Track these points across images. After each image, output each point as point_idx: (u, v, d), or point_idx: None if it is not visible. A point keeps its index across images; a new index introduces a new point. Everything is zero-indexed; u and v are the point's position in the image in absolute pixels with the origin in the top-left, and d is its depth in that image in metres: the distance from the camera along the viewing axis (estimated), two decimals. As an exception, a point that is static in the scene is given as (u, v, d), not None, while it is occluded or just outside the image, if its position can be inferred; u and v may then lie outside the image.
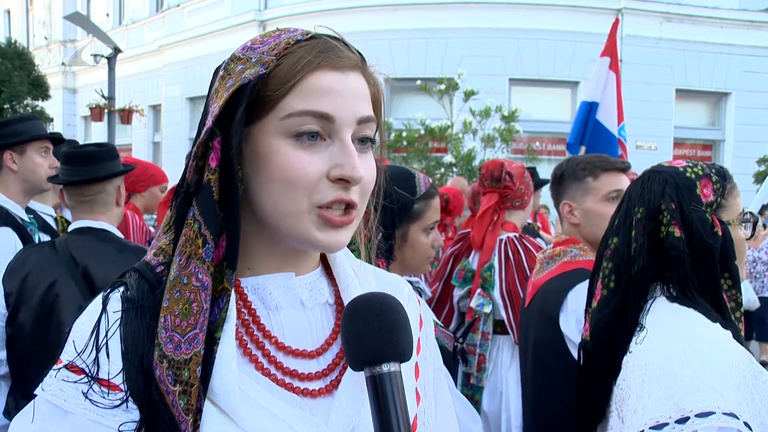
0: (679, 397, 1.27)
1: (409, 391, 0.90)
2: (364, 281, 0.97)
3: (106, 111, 12.85)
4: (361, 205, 0.88)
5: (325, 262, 0.99)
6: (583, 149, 5.05)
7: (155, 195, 4.09)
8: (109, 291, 0.85)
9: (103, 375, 0.79)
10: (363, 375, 0.81)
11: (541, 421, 2.38)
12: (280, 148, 0.83)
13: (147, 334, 0.81)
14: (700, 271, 1.43)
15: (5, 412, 2.26)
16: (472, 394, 3.37)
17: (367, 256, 1.04)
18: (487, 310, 3.35)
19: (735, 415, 1.22)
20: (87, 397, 0.78)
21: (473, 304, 3.36)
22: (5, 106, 12.78)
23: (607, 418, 1.50)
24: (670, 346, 1.37)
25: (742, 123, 15.05)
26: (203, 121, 0.87)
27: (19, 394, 2.22)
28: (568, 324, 2.19)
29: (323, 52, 0.84)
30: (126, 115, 13.64)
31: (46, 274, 2.20)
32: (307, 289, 0.93)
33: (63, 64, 21.40)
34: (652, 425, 1.28)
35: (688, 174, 1.49)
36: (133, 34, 20.62)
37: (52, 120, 17.28)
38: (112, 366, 0.79)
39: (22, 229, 2.70)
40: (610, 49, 5.22)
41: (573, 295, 2.20)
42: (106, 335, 0.80)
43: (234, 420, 0.79)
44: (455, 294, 3.54)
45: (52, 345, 2.11)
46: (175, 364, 0.78)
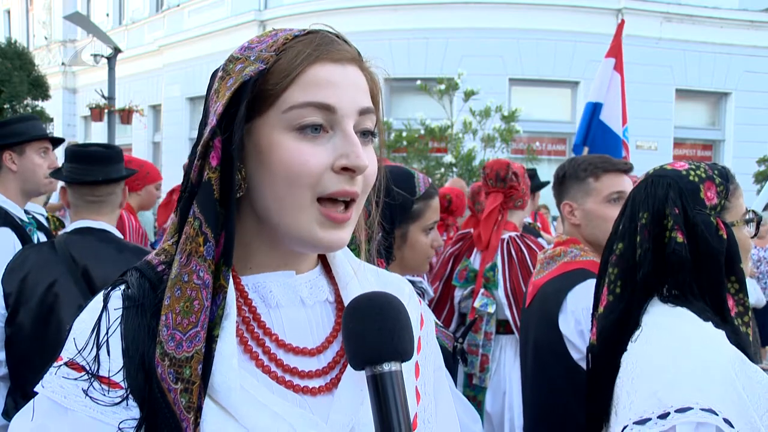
0: (662, 392, 1.29)
1: (409, 389, 0.90)
2: (364, 280, 0.97)
3: (106, 111, 12.82)
4: (360, 200, 0.88)
5: (324, 261, 0.99)
6: (586, 150, 5.05)
7: (151, 193, 4.10)
8: (110, 289, 0.86)
9: (103, 372, 0.79)
10: (363, 374, 0.81)
11: (541, 421, 2.38)
12: (282, 141, 0.83)
13: (148, 332, 0.81)
14: (702, 275, 1.44)
15: (4, 413, 2.25)
16: (474, 394, 3.37)
17: (367, 255, 1.04)
18: (491, 310, 3.35)
19: (714, 411, 1.23)
20: (87, 395, 0.78)
21: (477, 305, 3.36)
22: (5, 106, 12.76)
23: (610, 420, 1.51)
24: (660, 344, 1.39)
25: (742, 123, 15.04)
26: (204, 122, 0.87)
27: (18, 394, 2.21)
28: (567, 325, 2.18)
29: (321, 45, 0.85)
30: (126, 115, 13.63)
31: (46, 274, 2.19)
32: (308, 287, 0.93)
33: (63, 64, 21.38)
34: (636, 420, 1.31)
35: (692, 177, 1.49)
36: (133, 34, 20.60)
37: (52, 120, 17.25)
38: (113, 363, 0.79)
39: (21, 229, 2.69)
40: (615, 51, 5.20)
41: (572, 296, 2.20)
42: (107, 333, 0.80)
43: (235, 417, 0.80)
44: (456, 294, 3.54)
45: (51, 345, 2.11)
46: (177, 362, 0.78)
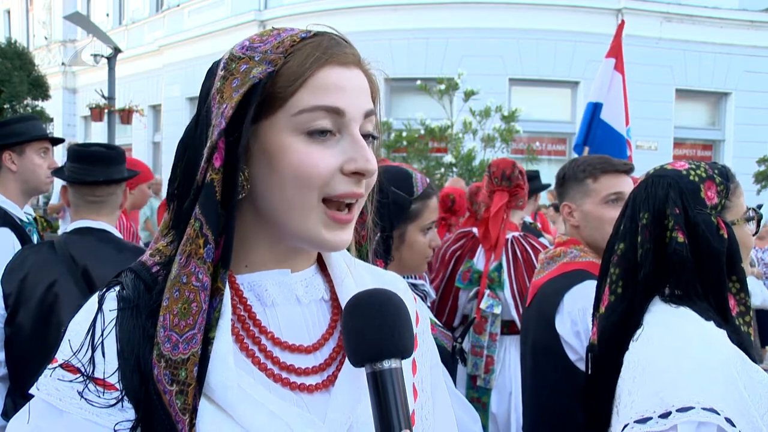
0: (664, 392, 1.29)
1: (407, 387, 0.90)
2: (359, 278, 0.97)
3: (106, 111, 12.81)
4: (362, 200, 0.89)
5: (319, 258, 0.99)
6: (587, 150, 5.04)
7: (143, 192, 4.12)
8: (104, 290, 0.85)
9: (98, 374, 0.79)
10: (360, 371, 0.81)
11: (541, 422, 2.37)
12: (292, 144, 0.83)
13: (143, 333, 0.81)
14: (704, 275, 1.44)
15: (4, 414, 2.25)
16: (479, 396, 3.35)
17: (363, 257, 1.04)
18: (497, 311, 3.33)
19: (715, 411, 1.23)
20: (82, 397, 0.78)
21: (483, 306, 3.34)
22: (5, 106, 12.77)
23: (611, 419, 1.50)
24: (661, 343, 1.39)
25: (742, 123, 15.03)
26: (205, 121, 0.86)
27: (18, 395, 2.21)
28: (564, 325, 2.18)
29: (330, 48, 0.85)
30: (126, 115, 13.61)
31: (46, 274, 2.19)
32: (303, 285, 0.93)
33: (63, 64, 21.38)
34: (637, 419, 1.30)
35: (692, 177, 1.49)
36: (133, 34, 20.61)
37: (52, 120, 17.28)
38: (108, 365, 0.79)
39: (20, 229, 2.69)
40: (616, 51, 5.20)
41: (569, 297, 2.19)
42: (102, 334, 0.80)
43: (231, 416, 0.79)
44: (461, 295, 3.52)
45: (51, 346, 2.07)
46: (173, 363, 0.78)
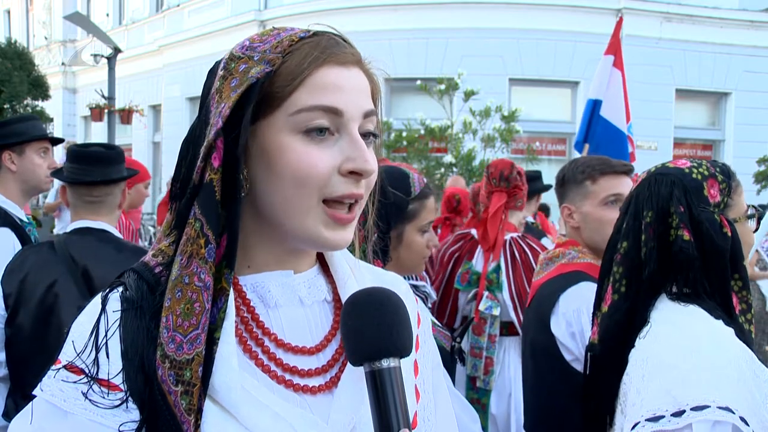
0: (676, 390, 1.28)
1: (409, 388, 0.90)
2: (361, 278, 0.97)
3: (106, 111, 12.80)
4: (362, 201, 0.89)
5: (322, 259, 0.99)
6: (587, 147, 5.04)
7: (140, 192, 4.12)
8: (107, 291, 0.85)
9: (102, 375, 0.78)
10: (363, 372, 0.80)
11: (540, 423, 2.38)
12: (290, 143, 0.83)
13: (147, 334, 0.81)
14: (710, 273, 1.44)
15: (5, 414, 2.24)
16: (478, 397, 3.35)
17: (362, 257, 1.04)
18: (496, 312, 3.32)
19: (730, 410, 1.22)
20: (87, 398, 0.78)
21: (482, 307, 3.33)
22: (5, 106, 12.76)
23: (614, 418, 1.50)
24: (671, 341, 1.38)
25: (742, 123, 15.03)
26: (204, 120, 0.87)
27: (18, 395, 2.21)
28: (559, 327, 2.18)
29: (328, 48, 0.85)
30: (126, 115, 13.61)
31: (46, 274, 2.19)
32: (306, 286, 0.93)
33: (63, 64, 21.38)
34: (648, 417, 1.29)
35: (695, 175, 1.49)
36: (133, 34, 20.60)
37: (52, 120, 17.27)
38: (112, 366, 0.79)
39: (20, 229, 2.69)
40: (614, 47, 5.21)
41: (564, 298, 2.19)
42: (106, 335, 0.80)
43: (235, 417, 0.79)
44: (460, 297, 3.52)
45: (52, 346, 2.09)
46: (177, 364, 0.77)
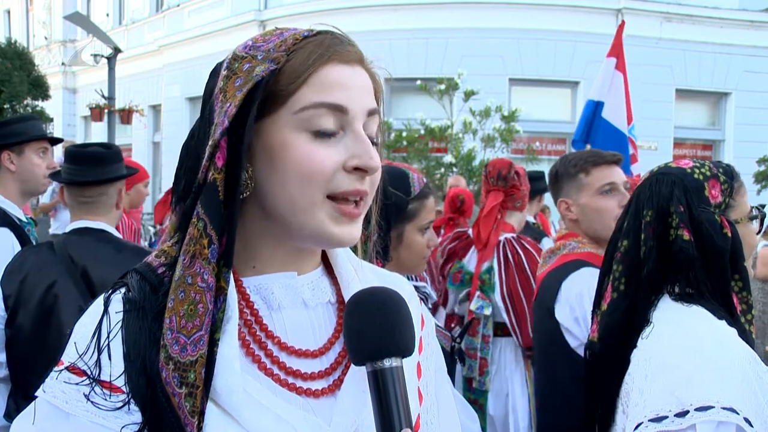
0: (680, 391, 1.27)
1: (412, 390, 0.90)
2: (365, 279, 0.97)
3: (106, 111, 12.79)
4: (368, 198, 0.89)
5: (326, 261, 0.98)
6: (588, 147, 5.04)
7: (140, 192, 4.11)
8: (110, 292, 0.85)
9: (104, 377, 0.78)
10: (365, 374, 0.80)
11: (546, 410, 2.43)
12: (295, 141, 0.83)
13: (149, 335, 0.80)
14: (710, 273, 1.44)
15: (6, 415, 2.24)
16: (475, 398, 3.34)
17: (364, 257, 1.04)
18: (487, 312, 3.33)
19: (734, 410, 1.22)
20: (89, 399, 0.77)
21: (473, 307, 3.34)
22: (5, 106, 12.74)
23: (615, 417, 1.49)
24: (674, 342, 1.37)
25: (742, 123, 15.03)
26: (209, 121, 0.86)
27: (19, 396, 2.21)
28: (563, 313, 2.24)
29: (332, 46, 0.85)
30: (126, 115, 13.59)
31: (45, 275, 2.19)
32: (309, 288, 0.92)
33: (63, 64, 21.36)
34: (651, 417, 1.28)
35: (696, 175, 1.49)
36: (133, 34, 20.59)
37: (52, 120, 17.24)
38: (114, 368, 0.79)
39: (19, 229, 2.69)
40: (617, 50, 5.21)
41: (566, 284, 2.26)
42: (108, 337, 0.80)
43: (237, 421, 0.79)
44: (450, 297, 3.52)
45: (52, 346, 2.10)
46: (181, 366, 0.77)
